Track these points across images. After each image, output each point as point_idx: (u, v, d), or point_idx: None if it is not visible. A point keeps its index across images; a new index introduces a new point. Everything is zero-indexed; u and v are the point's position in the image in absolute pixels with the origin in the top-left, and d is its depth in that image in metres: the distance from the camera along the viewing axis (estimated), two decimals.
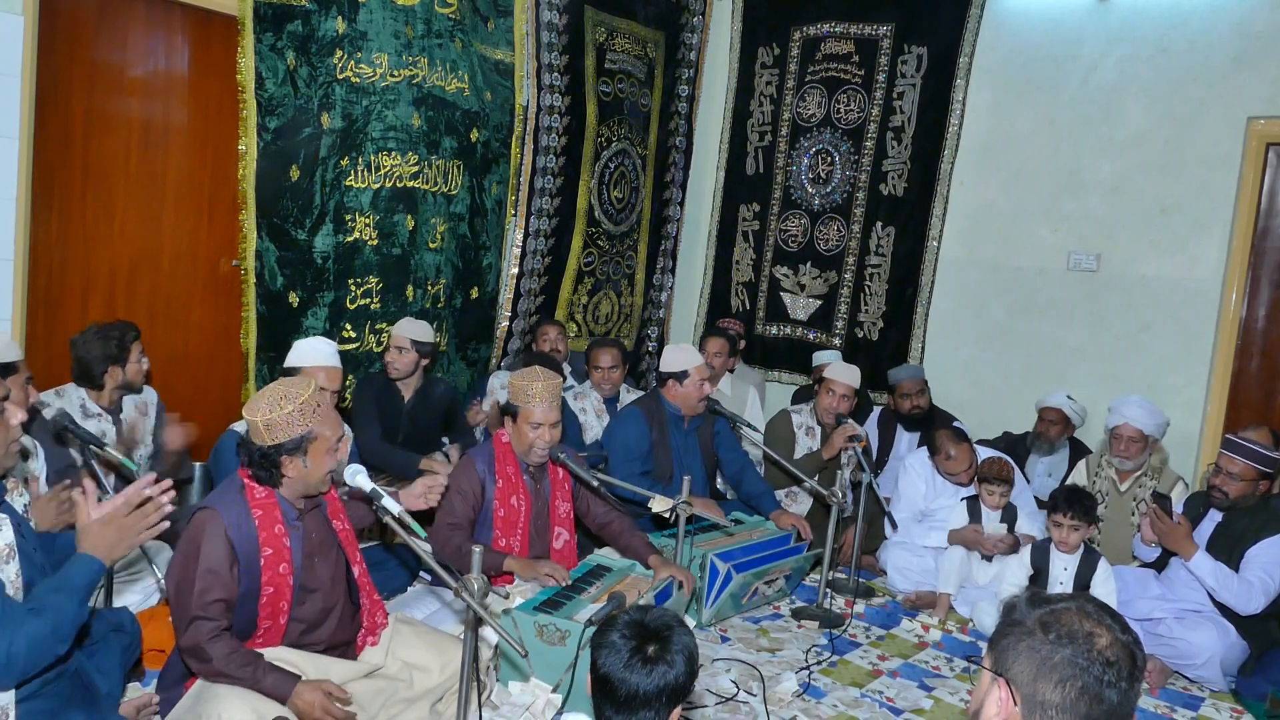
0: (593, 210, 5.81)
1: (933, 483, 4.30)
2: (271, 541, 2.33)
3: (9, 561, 1.95)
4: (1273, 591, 3.43)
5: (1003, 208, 5.52)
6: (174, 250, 4.34)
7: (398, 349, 4.17)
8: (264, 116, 4.04)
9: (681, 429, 4.19)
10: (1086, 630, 1.31)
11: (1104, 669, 1.28)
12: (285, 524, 2.37)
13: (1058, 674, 1.30)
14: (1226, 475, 3.56)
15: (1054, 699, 1.30)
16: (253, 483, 2.35)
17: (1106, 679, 1.28)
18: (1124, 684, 1.29)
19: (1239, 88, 4.79)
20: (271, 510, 2.35)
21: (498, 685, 2.89)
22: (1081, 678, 1.29)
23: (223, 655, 2.22)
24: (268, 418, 2.27)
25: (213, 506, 2.31)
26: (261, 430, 2.28)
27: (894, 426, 5.13)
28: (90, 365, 3.31)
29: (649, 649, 1.74)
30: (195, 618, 2.22)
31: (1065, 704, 1.29)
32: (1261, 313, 4.92)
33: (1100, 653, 1.29)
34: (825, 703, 3.14)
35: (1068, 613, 1.34)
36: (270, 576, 2.33)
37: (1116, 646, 1.30)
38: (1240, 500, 3.55)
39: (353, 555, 2.55)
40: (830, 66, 6.03)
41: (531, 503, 3.32)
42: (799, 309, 6.25)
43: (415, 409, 4.26)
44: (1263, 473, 3.53)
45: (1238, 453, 3.55)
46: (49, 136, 3.79)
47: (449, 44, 4.68)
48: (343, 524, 2.56)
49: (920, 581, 4.15)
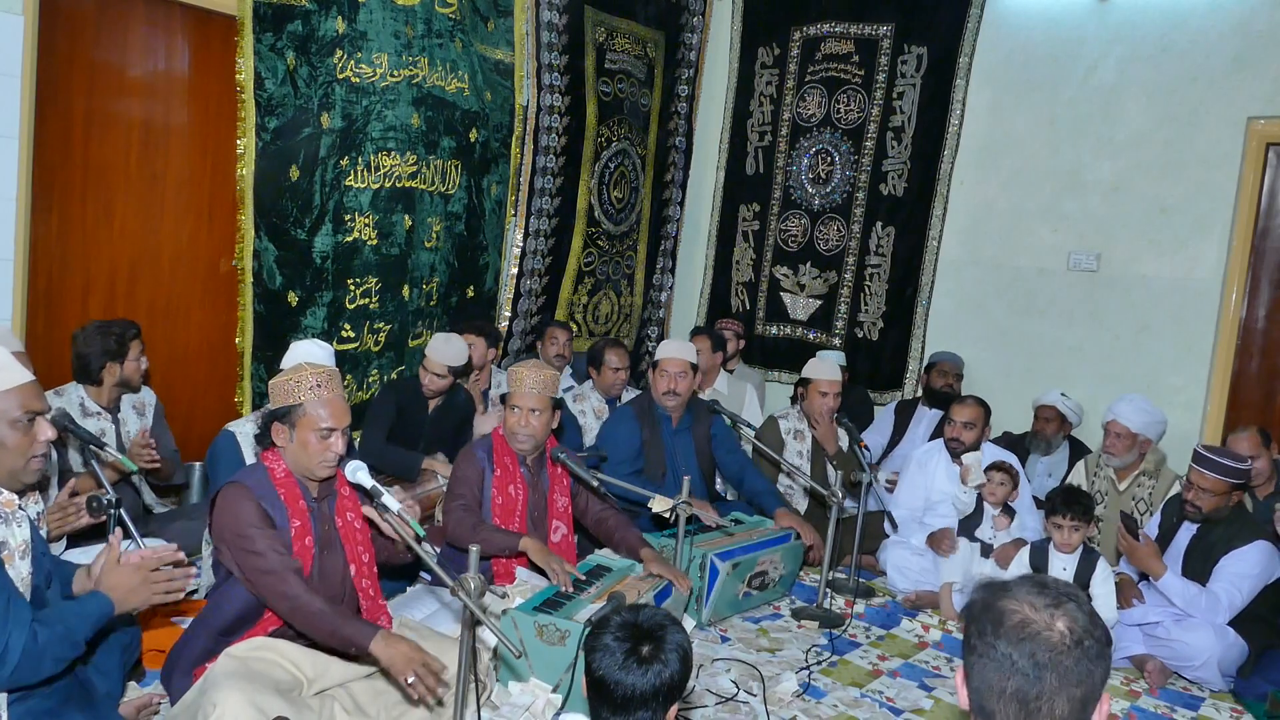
0: (593, 210, 5.81)
1: (939, 470, 4.30)
2: (298, 514, 2.43)
3: (23, 558, 1.96)
4: (1239, 604, 3.43)
5: (1003, 208, 5.52)
6: (174, 250, 4.35)
7: (436, 375, 4.14)
8: (264, 116, 4.04)
9: (671, 428, 4.18)
10: (1004, 609, 1.30)
11: (1017, 645, 1.27)
12: (306, 502, 2.46)
13: (981, 660, 1.30)
14: (1199, 490, 3.53)
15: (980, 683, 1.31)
16: (273, 465, 2.45)
17: (1022, 656, 1.26)
18: (1044, 656, 1.25)
19: (1239, 88, 4.79)
20: (293, 488, 2.45)
21: (497, 685, 2.89)
22: (997, 657, 1.28)
23: (304, 590, 2.28)
24: (274, 381, 2.46)
25: (240, 482, 2.41)
26: (270, 392, 2.47)
27: (910, 415, 5.27)
28: (89, 360, 3.33)
29: (643, 649, 1.74)
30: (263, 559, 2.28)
31: (988, 686, 1.29)
32: (1261, 313, 4.92)
33: (1013, 629, 1.28)
34: (825, 703, 3.14)
35: (993, 595, 1.34)
36: (299, 549, 2.40)
37: (1034, 622, 1.28)
38: (1213, 513, 3.53)
39: (353, 554, 2.55)
40: (830, 66, 6.03)
41: (529, 493, 3.34)
42: (799, 309, 6.25)
43: (439, 415, 4.28)
44: (1234, 485, 3.50)
45: (1208, 467, 3.51)
46: (49, 136, 3.79)
47: (449, 44, 4.69)
48: (347, 522, 2.56)
49: (920, 581, 4.15)
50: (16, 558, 1.95)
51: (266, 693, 2.23)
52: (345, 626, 2.26)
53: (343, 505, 2.57)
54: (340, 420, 2.43)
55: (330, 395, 2.43)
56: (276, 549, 2.32)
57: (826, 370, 4.50)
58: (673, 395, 4.14)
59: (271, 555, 2.30)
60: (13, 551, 1.94)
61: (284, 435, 2.42)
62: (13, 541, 1.95)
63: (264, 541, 2.31)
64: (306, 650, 2.40)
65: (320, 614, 2.26)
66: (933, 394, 5.25)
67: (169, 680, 2.47)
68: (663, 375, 4.17)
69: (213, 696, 2.18)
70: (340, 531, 2.54)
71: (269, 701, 2.22)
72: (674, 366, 4.16)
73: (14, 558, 1.94)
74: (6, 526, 1.94)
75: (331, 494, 2.55)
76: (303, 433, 2.40)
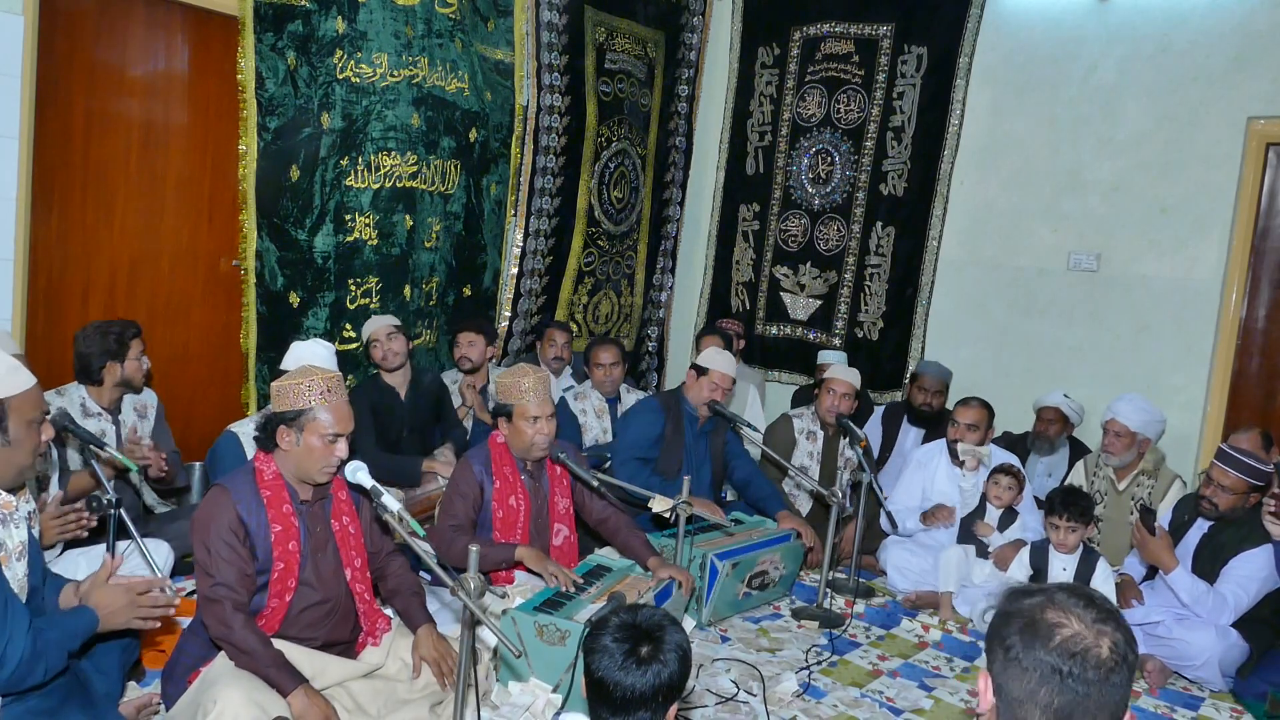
0: (593, 210, 5.81)
1: (939, 470, 4.30)
2: (280, 519, 2.41)
3: (20, 559, 1.97)
4: (1244, 606, 3.42)
5: (1003, 208, 5.52)
6: (174, 250, 4.35)
7: (387, 337, 4.18)
8: (264, 116, 4.04)
9: (695, 429, 4.20)
10: (1051, 621, 1.28)
11: (1063, 659, 1.25)
12: (293, 505, 2.44)
13: (1024, 670, 1.27)
14: (1218, 487, 3.50)
15: (1017, 692, 1.28)
16: (262, 466, 2.44)
17: (1067, 670, 1.25)
18: (1093, 674, 1.24)
19: (1239, 88, 4.79)
20: (279, 491, 2.43)
21: (497, 685, 2.89)
22: (1040, 669, 1.26)
23: (241, 625, 2.28)
24: (279, 384, 2.43)
25: (222, 485, 2.41)
26: (272, 394, 2.44)
27: (899, 423, 5.15)
28: (89, 360, 3.33)
29: (642, 649, 1.74)
30: (216, 583, 2.30)
31: (1026, 696, 1.27)
32: (1261, 313, 4.92)
33: (1062, 643, 1.26)
34: (825, 703, 3.14)
35: (1036, 605, 1.31)
36: (280, 553, 2.39)
37: (1084, 637, 1.26)
38: (1229, 512, 3.52)
39: (347, 557, 2.55)
40: (830, 66, 6.03)
41: (530, 501, 3.32)
42: (799, 309, 6.25)
43: (412, 403, 4.28)
44: (1254, 485, 3.47)
45: (1231, 465, 3.47)
46: (49, 136, 3.79)
47: (449, 44, 4.69)
48: (342, 526, 2.56)
49: (920, 581, 4.15)
50: (14, 559, 1.96)
51: (266, 690, 2.24)
52: (271, 672, 2.25)
53: (338, 509, 2.56)
54: (345, 426, 2.43)
55: (337, 401, 2.43)
56: (227, 579, 2.29)
57: (844, 374, 4.55)
58: (713, 405, 4.12)
59: (220, 585, 2.29)
60: (10, 554, 1.94)
61: (289, 439, 2.40)
62: (10, 543, 1.95)
63: (222, 565, 2.30)
64: (305, 650, 2.41)
65: (251, 653, 2.26)
66: (913, 410, 5.04)
67: (165, 687, 2.47)
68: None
69: (212, 694, 2.18)
70: (335, 535, 2.54)
71: (269, 699, 2.22)
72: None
73: (10, 560, 1.94)
74: (4, 528, 1.94)
75: (326, 497, 2.53)
76: (308, 437, 2.39)
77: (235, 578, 2.31)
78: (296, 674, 2.29)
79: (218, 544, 2.31)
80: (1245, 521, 3.53)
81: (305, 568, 2.44)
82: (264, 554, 2.38)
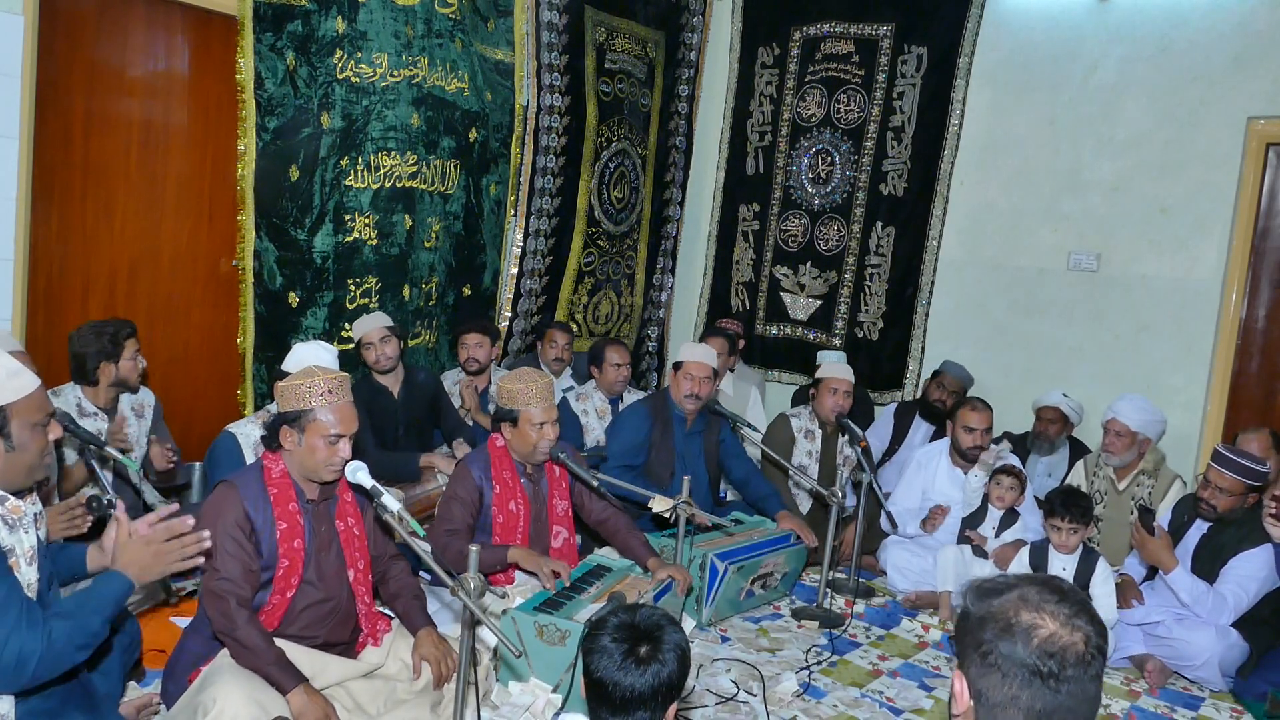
0: (593, 210, 5.81)
1: (940, 470, 4.30)
2: (285, 517, 2.43)
3: (30, 564, 1.97)
4: (1244, 606, 3.42)
5: (1003, 208, 5.52)
6: (174, 250, 4.35)
7: (380, 340, 4.14)
8: (264, 116, 4.04)
9: (684, 430, 4.18)
10: (1026, 623, 1.27)
11: (1042, 661, 1.24)
12: (299, 504, 2.46)
13: (1003, 675, 1.26)
14: (1215, 489, 3.51)
15: (997, 696, 1.27)
16: (270, 465, 2.46)
17: (1048, 670, 1.24)
18: (1072, 670, 1.24)
19: (1239, 88, 4.79)
20: (286, 490, 2.45)
21: (497, 685, 2.89)
22: (1020, 673, 1.25)
23: (245, 621, 2.29)
24: (283, 385, 2.43)
25: (231, 481, 2.43)
26: (276, 394, 2.45)
27: (910, 419, 5.20)
28: (84, 360, 3.33)
29: (641, 649, 1.74)
30: (220, 578, 2.31)
31: (1008, 700, 1.26)
32: (1261, 313, 4.92)
33: (1040, 645, 1.25)
34: (825, 703, 3.14)
35: (1008, 604, 1.29)
36: (285, 550, 2.41)
37: (1061, 635, 1.25)
38: (1228, 513, 3.52)
39: (350, 558, 2.55)
40: (830, 66, 6.03)
41: (530, 505, 3.31)
42: (799, 309, 6.25)
43: (406, 402, 4.28)
44: (1251, 486, 3.47)
45: (1227, 467, 3.48)
46: (49, 136, 3.79)
47: (449, 44, 4.69)
48: (347, 527, 2.56)
49: (920, 581, 4.15)
50: (24, 564, 1.95)
51: (266, 689, 2.24)
52: (272, 670, 2.26)
53: (343, 509, 2.56)
54: (349, 426, 2.44)
55: (340, 401, 2.44)
56: (232, 575, 2.30)
57: (840, 370, 4.53)
58: (694, 399, 4.12)
59: (225, 579, 2.30)
60: (20, 558, 1.94)
61: (292, 439, 2.41)
62: (20, 548, 1.95)
63: (227, 560, 2.31)
64: (304, 649, 2.41)
65: (253, 650, 2.27)
66: (928, 406, 5.15)
67: (166, 685, 2.47)
68: (687, 378, 4.14)
69: (212, 692, 2.18)
70: (340, 536, 2.54)
71: (268, 698, 2.22)
72: (699, 370, 4.14)
73: (20, 564, 1.94)
74: (13, 533, 1.94)
75: (332, 497, 2.54)
76: (311, 437, 2.39)
77: (240, 573, 2.32)
78: (297, 673, 2.29)
79: (224, 539, 2.32)
80: (1244, 521, 3.53)
81: (309, 566, 2.45)
82: (269, 551, 2.39)
